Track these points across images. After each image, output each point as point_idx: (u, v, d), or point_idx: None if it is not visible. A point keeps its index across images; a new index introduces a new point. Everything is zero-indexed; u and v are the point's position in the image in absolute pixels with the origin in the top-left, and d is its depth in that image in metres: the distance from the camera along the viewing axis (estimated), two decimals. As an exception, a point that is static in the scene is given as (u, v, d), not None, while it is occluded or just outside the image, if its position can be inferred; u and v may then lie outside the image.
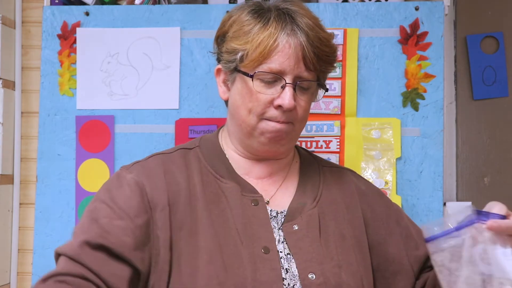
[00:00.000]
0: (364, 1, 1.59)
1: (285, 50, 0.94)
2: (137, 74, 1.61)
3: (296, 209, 1.01)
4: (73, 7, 1.64)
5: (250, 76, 0.97)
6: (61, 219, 1.60)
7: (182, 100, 1.60)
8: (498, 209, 0.88)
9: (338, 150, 1.55)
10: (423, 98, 1.55)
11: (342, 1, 1.60)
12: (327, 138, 1.56)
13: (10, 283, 1.72)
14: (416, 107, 1.54)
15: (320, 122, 1.56)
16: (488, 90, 1.78)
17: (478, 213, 0.86)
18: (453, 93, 1.80)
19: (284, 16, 0.96)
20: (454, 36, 1.80)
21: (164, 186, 0.97)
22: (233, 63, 0.99)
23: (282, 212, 1.01)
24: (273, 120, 0.97)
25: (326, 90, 1.04)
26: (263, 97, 0.97)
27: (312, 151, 1.19)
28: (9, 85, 1.73)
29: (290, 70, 0.95)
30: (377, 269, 1.05)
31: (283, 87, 0.96)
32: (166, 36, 1.61)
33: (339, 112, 1.56)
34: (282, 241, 0.97)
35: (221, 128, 1.11)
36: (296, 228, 0.98)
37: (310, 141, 1.56)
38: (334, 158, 1.54)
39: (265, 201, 1.01)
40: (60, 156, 1.62)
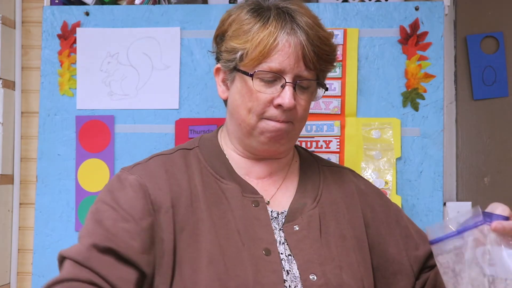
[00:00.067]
0: (364, 1, 1.59)
1: (285, 49, 0.94)
2: (137, 74, 1.61)
3: (297, 210, 1.01)
4: (73, 7, 1.64)
5: (250, 75, 0.96)
6: (61, 219, 1.60)
7: (182, 100, 1.60)
8: (501, 210, 0.88)
9: (338, 150, 1.55)
10: (423, 98, 1.54)
11: (342, 1, 1.60)
12: (327, 138, 1.55)
13: (10, 283, 1.71)
14: (416, 107, 1.54)
15: (320, 122, 1.55)
16: (488, 90, 1.77)
17: (482, 214, 0.87)
18: (453, 93, 1.79)
19: (284, 15, 0.96)
20: (454, 36, 1.80)
21: (166, 188, 0.96)
22: (233, 62, 0.99)
23: (283, 213, 1.00)
24: (273, 120, 0.97)
25: (326, 89, 1.04)
26: (263, 97, 0.96)
27: (312, 151, 1.19)
28: (9, 85, 1.73)
29: (290, 69, 0.95)
30: (377, 269, 1.05)
31: (283, 86, 0.96)
32: (166, 36, 1.60)
33: (339, 112, 1.56)
34: (283, 242, 0.97)
35: (220, 128, 1.10)
36: (297, 229, 0.98)
37: (310, 141, 1.56)
38: (334, 158, 1.54)
39: (266, 202, 1.00)
40: (60, 156, 1.62)
